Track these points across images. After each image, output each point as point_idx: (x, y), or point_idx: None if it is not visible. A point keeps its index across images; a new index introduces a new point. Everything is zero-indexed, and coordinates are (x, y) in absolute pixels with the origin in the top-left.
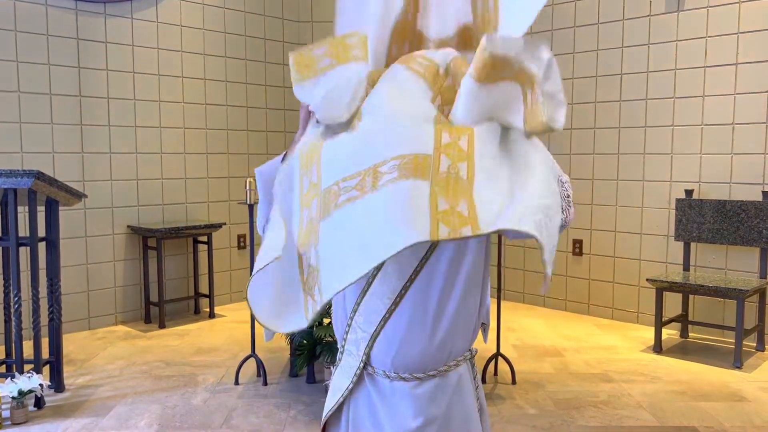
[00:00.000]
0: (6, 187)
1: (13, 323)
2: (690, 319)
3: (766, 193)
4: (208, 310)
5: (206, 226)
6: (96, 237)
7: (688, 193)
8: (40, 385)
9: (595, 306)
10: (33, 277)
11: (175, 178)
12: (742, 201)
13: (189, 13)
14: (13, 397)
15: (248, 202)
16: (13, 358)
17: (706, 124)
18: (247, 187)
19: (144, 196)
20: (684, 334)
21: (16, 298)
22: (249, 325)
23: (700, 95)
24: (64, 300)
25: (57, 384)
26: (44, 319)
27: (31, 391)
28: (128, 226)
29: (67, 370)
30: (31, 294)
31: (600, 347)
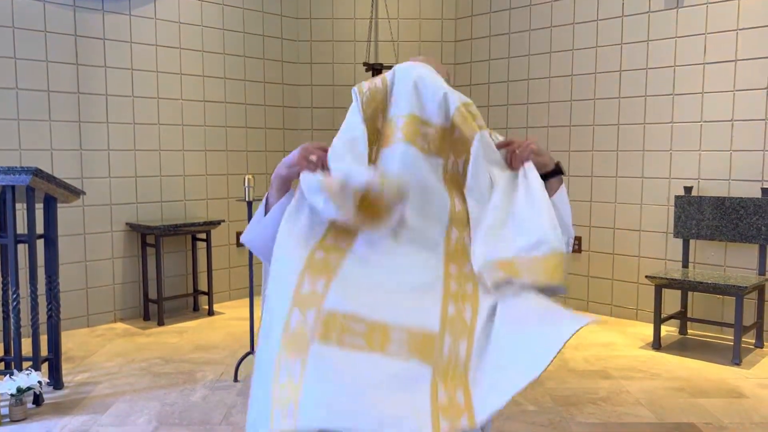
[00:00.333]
0: (4, 184)
1: (12, 320)
2: (689, 315)
3: (765, 190)
4: (207, 307)
5: (205, 224)
6: (94, 234)
7: (687, 190)
8: (39, 383)
9: (594, 303)
10: (31, 274)
11: (173, 175)
12: (741, 198)
13: (187, 10)
14: (12, 395)
15: (247, 200)
16: (12, 355)
17: (705, 121)
18: (246, 185)
19: (142, 193)
20: (683, 330)
21: (15, 296)
22: (248, 322)
23: (699, 92)
24: (63, 297)
25: (56, 381)
26: (43, 317)
27: (29, 389)
28: (127, 224)
29: (65, 368)
30: (29, 291)
31: (599, 344)
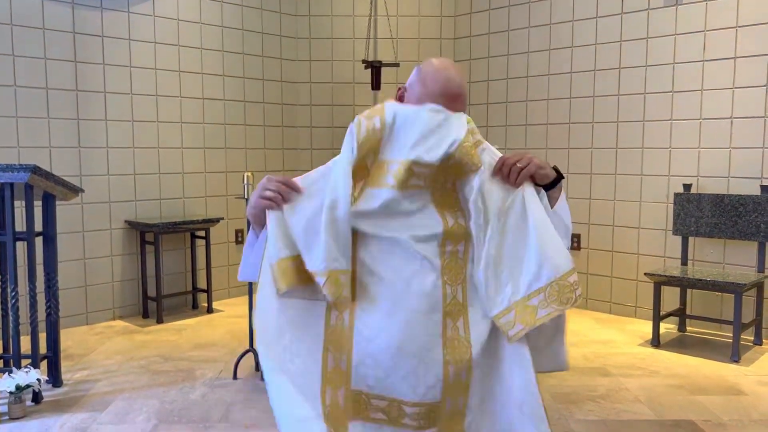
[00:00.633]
0: (2, 181)
1: (11, 318)
2: (688, 313)
3: (764, 187)
4: (206, 305)
5: (204, 221)
6: (93, 232)
7: (687, 187)
8: (38, 380)
9: (593, 300)
10: (30, 272)
11: (172, 173)
12: (740, 195)
13: (186, 7)
14: (11, 392)
15: (246, 197)
16: (11, 353)
17: (704, 118)
18: (245, 182)
19: (141, 190)
20: (682, 328)
21: (14, 293)
22: (247, 320)
23: (698, 89)
24: (62, 295)
25: (55, 379)
26: (42, 314)
27: (28, 386)
28: (126, 221)
29: (64, 365)
30: (28, 289)
31: (598, 341)
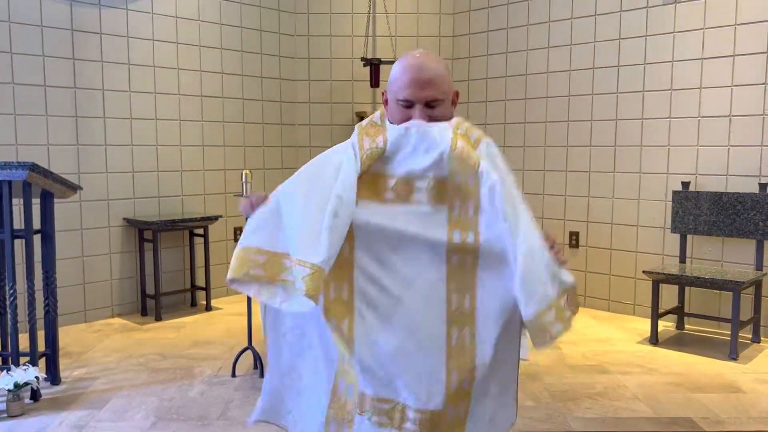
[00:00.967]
0: (0, 179)
1: (9, 316)
2: (686, 310)
3: (762, 186)
4: (205, 302)
5: (202, 219)
6: (92, 229)
7: (685, 185)
8: (36, 378)
9: (592, 298)
10: (28, 269)
11: (170, 171)
12: (739, 193)
13: (184, 5)
14: (9, 390)
15: (244, 195)
16: (9, 350)
17: (703, 116)
18: (244, 180)
19: (140, 188)
20: (680, 325)
21: (12, 291)
22: (245, 318)
23: (697, 87)
24: (60, 293)
25: (53, 377)
26: (40, 312)
27: (27, 384)
28: (124, 219)
29: (63, 363)
30: (26, 287)
31: (596, 339)
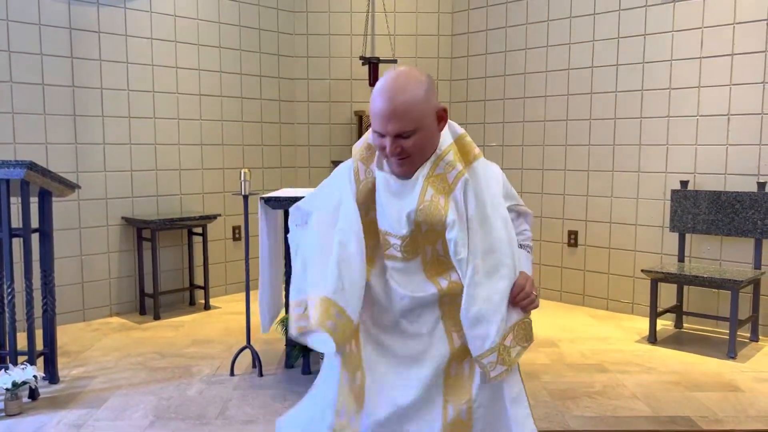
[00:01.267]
0: None
1: (7, 315)
2: (684, 309)
3: (761, 185)
4: (203, 301)
5: (201, 218)
6: (90, 228)
7: (684, 184)
8: (35, 377)
9: (590, 297)
10: (26, 268)
11: (169, 169)
12: (737, 192)
13: (183, 3)
14: (7, 389)
15: (243, 193)
16: (7, 349)
17: (701, 115)
18: (242, 178)
19: (138, 187)
20: (678, 324)
21: (10, 290)
22: (244, 317)
23: (695, 86)
24: (58, 291)
25: (51, 375)
26: (38, 311)
27: (25, 383)
28: (122, 218)
29: (61, 362)
30: (24, 285)
31: (595, 338)
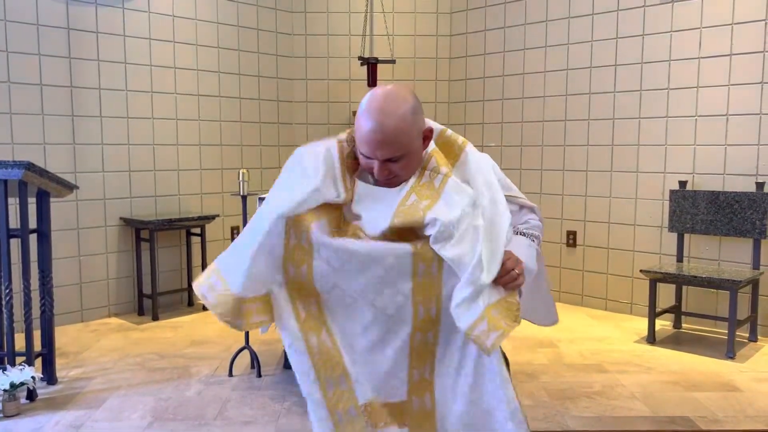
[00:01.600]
0: None
1: (5, 315)
2: (683, 309)
3: (759, 185)
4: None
5: (199, 218)
6: (88, 229)
7: (682, 184)
8: (32, 378)
9: (589, 297)
10: (24, 269)
11: (167, 170)
12: (736, 192)
13: (181, 3)
14: (5, 390)
15: (241, 194)
16: (5, 350)
17: (700, 116)
18: (241, 179)
19: (136, 187)
20: (677, 324)
21: (8, 291)
22: None
23: (694, 86)
24: (56, 292)
25: (49, 376)
26: (36, 312)
27: (23, 384)
28: (121, 218)
29: (59, 363)
30: (22, 286)
31: (594, 338)
